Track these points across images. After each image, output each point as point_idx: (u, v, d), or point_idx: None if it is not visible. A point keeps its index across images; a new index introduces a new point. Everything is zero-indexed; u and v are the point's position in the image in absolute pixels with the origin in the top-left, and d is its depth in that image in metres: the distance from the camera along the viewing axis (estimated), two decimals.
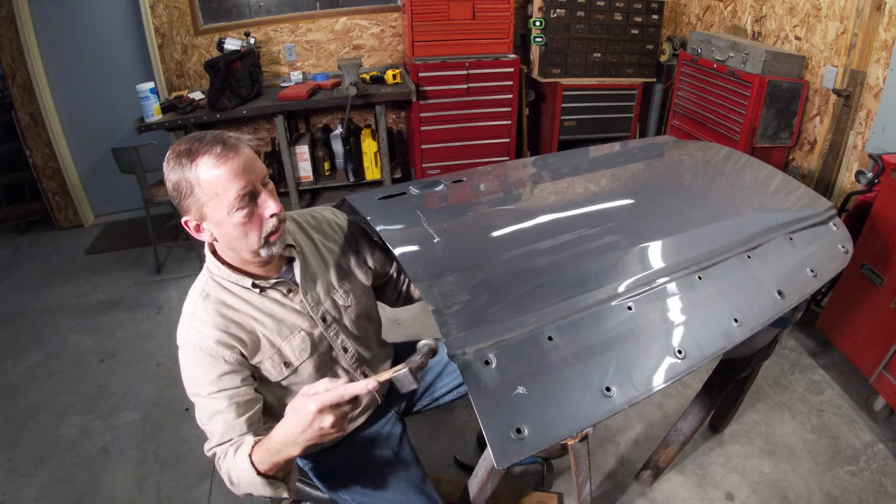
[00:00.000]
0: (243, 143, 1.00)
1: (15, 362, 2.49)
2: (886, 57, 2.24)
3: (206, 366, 1.02)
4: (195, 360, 1.03)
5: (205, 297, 1.06)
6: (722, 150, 1.70)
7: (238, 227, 0.99)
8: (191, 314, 1.06)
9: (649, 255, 1.15)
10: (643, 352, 0.98)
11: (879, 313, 1.94)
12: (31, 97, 3.40)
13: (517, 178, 1.60)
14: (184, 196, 0.98)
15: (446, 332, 0.90)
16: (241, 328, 1.06)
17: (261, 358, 1.08)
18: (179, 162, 0.96)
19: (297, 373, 1.13)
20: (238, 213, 0.98)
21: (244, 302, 1.08)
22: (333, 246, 1.25)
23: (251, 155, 1.01)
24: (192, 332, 1.04)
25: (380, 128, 3.54)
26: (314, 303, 1.16)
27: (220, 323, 1.04)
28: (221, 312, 1.05)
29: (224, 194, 0.96)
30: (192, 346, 1.03)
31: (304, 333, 1.13)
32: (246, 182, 0.97)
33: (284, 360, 1.11)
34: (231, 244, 1.04)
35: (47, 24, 3.34)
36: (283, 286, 1.11)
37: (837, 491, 1.75)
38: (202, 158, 0.95)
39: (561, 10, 3.49)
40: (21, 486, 1.88)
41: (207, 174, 0.95)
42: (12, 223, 3.82)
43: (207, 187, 0.96)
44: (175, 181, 0.97)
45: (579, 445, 1.27)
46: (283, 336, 1.11)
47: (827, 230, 1.33)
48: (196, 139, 0.98)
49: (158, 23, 3.50)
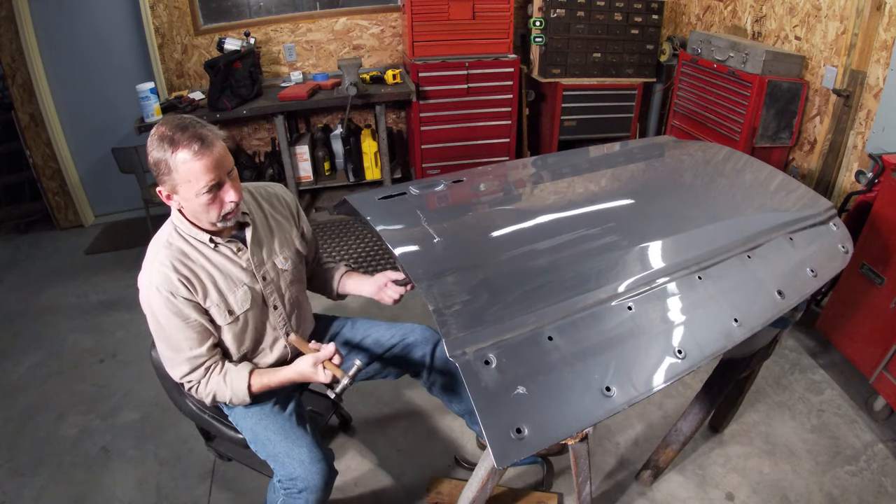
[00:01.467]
0: (218, 140, 1.18)
1: (15, 362, 2.49)
2: (886, 57, 2.24)
3: (167, 302, 1.20)
4: (156, 297, 1.20)
5: (167, 246, 1.24)
6: (722, 150, 1.70)
7: (202, 206, 1.19)
8: (153, 259, 1.23)
9: (649, 255, 1.15)
10: (643, 352, 0.98)
11: (879, 313, 1.94)
12: (31, 97, 3.40)
13: (517, 178, 1.60)
14: (162, 173, 1.16)
15: (446, 332, 0.90)
16: (195, 275, 1.24)
17: (209, 304, 1.26)
18: (161, 145, 1.14)
19: (237, 321, 1.31)
20: (204, 196, 1.17)
21: (200, 254, 1.26)
22: (280, 218, 1.42)
23: (223, 151, 1.18)
24: (155, 274, 1.21)
25: (380, 128, 3.54)
26: (258, 262, 1.33)
27: (179, 267, 1.22)
28: (180, 259, 1.23)
29: (195, 182, 1.15)
30: (153, 285, 1.20)
31: (246, 287, 1.31)
32: (214, 176, 1.16)
33: (229, 309, 1.29)
34: (194, 215, 1.24)
35: (47, 24, 3.34)
36: (234, 244, 1.30)
37: (837, 491, 1.75)
38: (181, 151, 1.13)
39: (561, 10, 3.49)
40: (21, 486, 1.88)
41: (184, 165, 1.13)
42: (12, 223, 3.82)
43: (182, 173, 1.14)
44: (156, 159, 1.15)
45: (579, 445, 1.27)
46: (229, 288, 1.28)
47: (827, 230, 1.33)
48: (179, 128, 1.14)
49: (158, 23, 3.50)
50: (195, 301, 1.24)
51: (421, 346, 1.57)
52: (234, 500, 1.80)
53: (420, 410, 2.09)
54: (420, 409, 2.10)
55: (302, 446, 1.32)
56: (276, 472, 1.33)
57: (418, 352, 1.57)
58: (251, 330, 1.35)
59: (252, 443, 1.39)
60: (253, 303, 1.32)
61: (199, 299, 1.24)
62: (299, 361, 1.28)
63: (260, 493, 1.76)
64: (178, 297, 1.21)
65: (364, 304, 2.80)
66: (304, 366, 1.26)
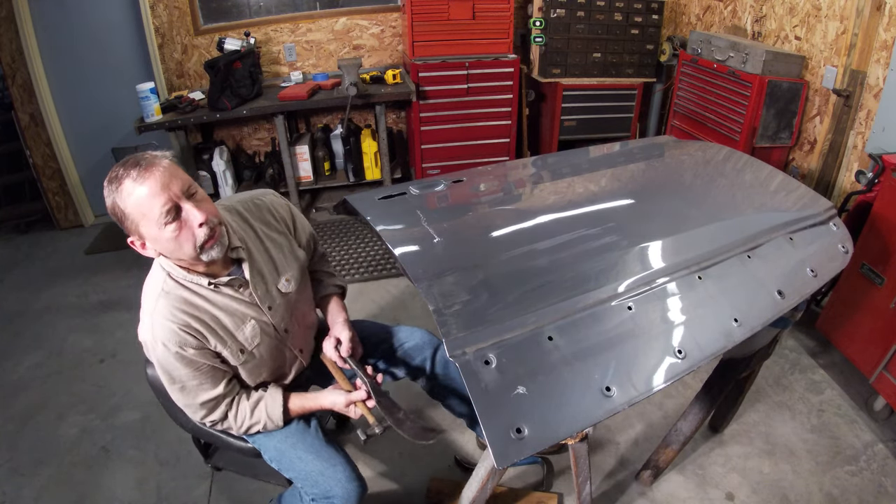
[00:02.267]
0: (159, 160, 1.07)
1: (15, 362, 2.49)
2: (886, 57, 2.24)
3: (177, 356, 1.13)
4: (164, 353, 1.13)
5: (164, 295, 1.14)
6: (722, 150, 1.70)
7: (171, 241, 1.07)
8: (152, 311, 1.14)
9: (649, 254, 1.15)
10: (643, 352, 0.98)
11: (879, 313, 1.94)
12: (31, 97, 3.39)
13: (517, 178, 1.60)
14: (120, 220, 1.07)
15: (446, 332, 0.90)
16: (199, 321, 1.16)
17: (220, 348, 1.19)
18: (109, 190, 1.05)
19: (252, 357, 1.25)
20: (167, 228, 1.05)
21: (200, 297, 1.17)
22: (276, 235, 1.33)
23: (169, 170, 1.06)
24: (159, 329, 1.12)
25: (380, 128, 3.54)
26: (262, 294, 1.25)
27: (181, 317, 1.13)
28: (182, 308, 1.14)
29: (150, 213, 1.04)
30: (159, 341, 1.12)
31: (254, 322, 1.24)
32: (166, 199, 1.04)
33: (240, 348, 1.22)
34: (172, 255, 1.12)
35: (47, 24, 3.33)
36: (235, 282, 1.21)
37: (837, 491, 1.75)
38: (123, 184, 1.03)
39: (561, 10, 3.49)
40: (21, 486, 1.88)
41: (130, 198, 1.03)
42: (12, 223, 3.81)
43: (134, 210, 1.04)
44: (110, 208, 1.06)
45: (579, 445, 1.27)
46: (236, 326, 1.21)
47: (827, 230, 1.33)
48: (120, 164, 1.06)
49: (158, 23, 3.50)
50: (206, 349, 1.18)
51: (421, 350, 1.56)
52: (235, 500, 1.80)
53: (420, 411, 2.09)
54: (420, 409, 2.10)
55: (337, 465, 1.30)
56: (308, 490, 1.30)
57: (419, 356, 1.56)
58: (267, 360, 1.30)
59: (275, 461, 1.34)
60: (263, 335, 1.26)
61: (209, 346, 1.18)
62: (334, 396, 1.29)
63: (261, 493, 1.76)
64: (187, 349, 1.14)
65: (367, 306, 2.80)
66: (339, 403, 1.28)
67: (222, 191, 3.71)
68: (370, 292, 2.87)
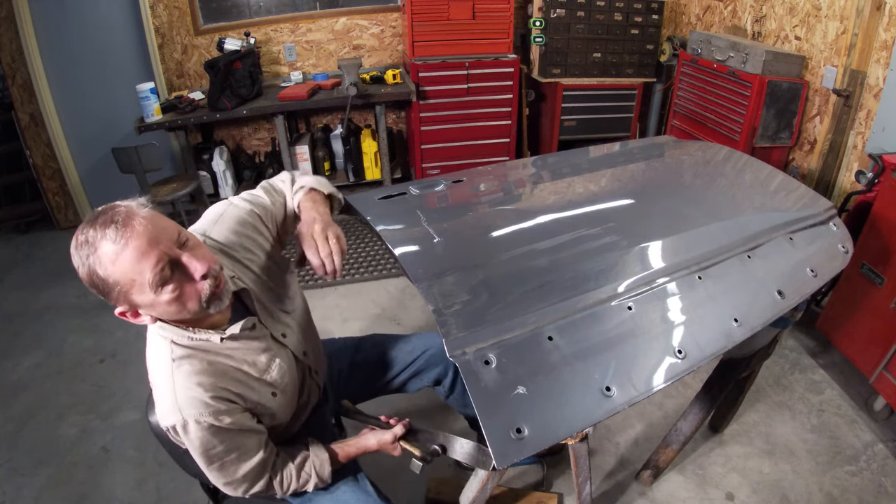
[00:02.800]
0: (136, 210, 0.89)
1: (15, 362, 2.49)
2: (886, 57, 2.24)
3: (212, 430, 0.97)
4: (198, 430, 0.96)
5: (179, 366, 0.97)
6: (722, 150, 1.70)
7: (172, 304, 0.90)
8: (171, 388, 0.96)
9: (649, 254, 1.15)
10: (643, 352, 0.98)
11: (879, 313, 1.94)
12: (31, 97, 3.39)
13: (517, 178, 1.60)
14: (103, 292, 0.88)
15: (446, 332, 0.90)
16: (228, 379, 1.01)
17: (255, 400, 1.05)
18: (79, 256, 0.86)
19: (284, 393, 1.13)
20: (164, 290, 0.88)
21: (217, 354, 1.01)
22: (258, 255, 1.15)
23: (152, 221, 0.89)
24: (185, 405, 0.95)
25: (380, 128, 3.54)
26: (273, 327, 1.13)
27: (208, 383, 0.97)
28: (203, 371, 0.98)
29: (141, 277, 0.86)
30: (190, 418, 0.95)
31: (278, 360, 1.11)
32: (157, 257, 0.86)
33: (272, 392, 1.09)
34: (174, 318, 0.96)
35: (47, 24, 3.33)
36: (247, 326, 1.05)
37: (837, 491, 1.75)
38: (100, 249, 0.85)
39: (561, 10, 3.49)
40: (21, 486, 1.88)
41: (114, 265, 0.85)
42: (12, 223, 3.81)
43: (121, 277, 0.86)
44: (86, 278, 0.87)
45: (579, 445, 1.27)
46: (263, 370, 1.08)
47: (827, 230, 1.33)
48: (89, 224, 0.86)
49: (158, 23, 3.50)
50: (242, 409, 1.02)
51: (443, 357, 1.46)
52: (237, 500, 1.80)
53: (421, 410, 2.09)
54: (421, 408, 2.09)
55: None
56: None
57: (440, 363, 1.50)
58: (295, 389, 1.19)
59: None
60: (289, 369, 1.14)
61: (244, 404, 1.03)
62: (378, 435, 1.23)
63: None
64: (224, 418, 0.97)
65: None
66: (386, 440, 1.22)
67: (222, 191, 3.71)
68: (370, 292, 2.87)
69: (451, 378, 1.53)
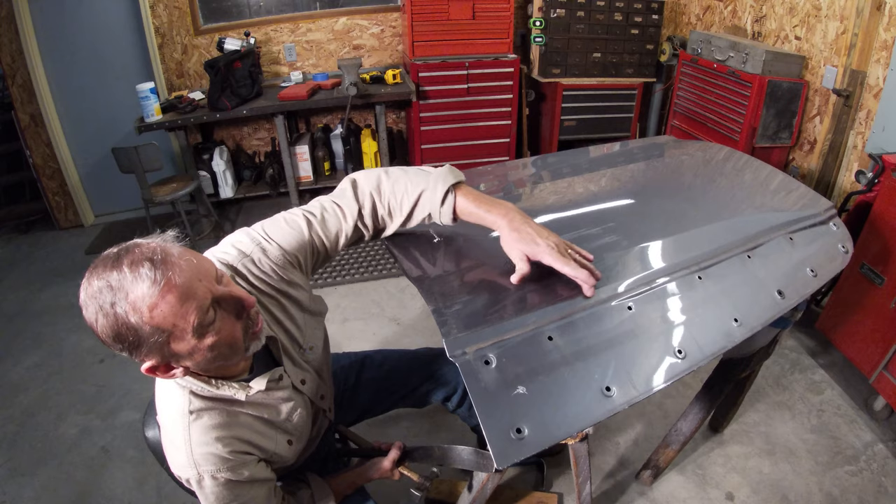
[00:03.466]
0: (171, 248, 0.79)
1: (15, 362, 2.49)
2: (886, 57, 2.24)
3: (229, 484, 0.92)
4: (214, 485, 0.91)
5: (196, 419, 0.89)
6: (722, 150, 1.70)
7: (214, 349, 0.81)
8: (186, 441, 0.89)
9: (649, 254, 1.15)
10: (643, 352, 0.98)
11: (879, 313, 1.94)
12: (31, 97, 3.39)
13: (517, 178, 1.60)
14: (133, 344, 0.75)
15: (446, 332, 0.90)
16: (248, 430, 0.95)
17: (273, 448, 1.01)
18: (104, 305, 0.73)
19: (300, 439, 1.09)
20: (208, 334, 0.79)
21: (237, 404, 0.94)
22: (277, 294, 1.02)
23: (190, 257, 0.80)
24: (202, 460, 0.89)
25: (380, 128, 3.54)
26: (295, 375, 1.06)
27: (226, 437, 0.91)
28: (222, 425, 0.91)
29: (183, 322, 0.76)
30: (206, 474, 0.89)
31: (299, 409, 1.05)
32: (203, 294, 0.77)
33: (288, 440, 1.05)
34: (213, 366, 0.87)
35: (47, 24, 3.33)
36: (274, 377, 0.99)
37: (837, 491, 1.75)
38: (134, 292, 0.73)
39: (561, 10, 3.49)
40: (21, 486, 1.88)
41: (153, 311, 0.73)
42: (12, 223, 3.82)
43: (161, 323, 0.74)
44: (110, 331, 0.74)
45: (579, 445, 1.27)
46: (283, 421, 1.02)
47: (827, 230, 1.33)
48: (109, 266, 0.74)
49: (158, 23, 3.51)
50: (257, 458, 0.98)
51: (454, 375, 1.47)
52: None
53: (421, 410, 2.09)
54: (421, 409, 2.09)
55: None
56: None
57: (451, 381, 1.48)
58: (309, 432, 1.14)
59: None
60: (306, 414, 1.09)
61: (260, 454, 0.98)
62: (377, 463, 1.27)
63: None
64: (242, 471, 0.93)
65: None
66: (385, 468, 1.26)
67: (222, 191, 3.71)
68: (370, 292, 2.87)
69: (459, 395, 1.51)
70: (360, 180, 1.05)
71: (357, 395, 1.48)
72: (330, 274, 3.03)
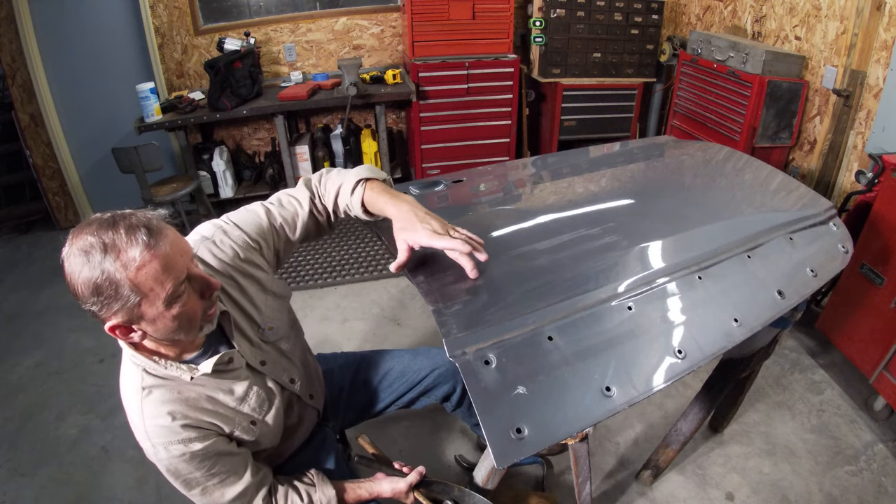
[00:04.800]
0: (164, 223, 0.89)
1: (15, 362, 2.49)
2: (886, 57, 2.24)
3: (184, 457, 0.96)
4: (168, 457, 0.95)
5: (148, 393, 0.95)
6: (722, 150, 1.70)
7: (176, 319, 0.88)
8: (140, 414, 0.95)
9: (649, 254, 1.15)
10: (643, 352, 0.98)
11: (879, 313, 1.94)
12: (31, 97, 3.39)
13: (517, 178, 1.60)
14: (108, 298, 0.83)
15: (446, 332, 0.90)
16: (198, 409, 0.98)
17: (230, 428, 1.03)
18: (90, 258, 0.82)
19: (266, 424, 1.09)
20: (176, 304, 0.87)
21: (188, 384, 0.98)
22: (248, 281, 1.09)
23: (177, 235, 0.89)
24: (154, 432, 0.94)
25: (380, 128, 3.54)
26: (252, 356, 1.08)
27: (177, 411, 0.95)
28: (173, 400, 0.96)
29: (160, 288, 0.84)
30: (159, 445, 0.94)
31: (255, 388, 1.07)
32: (181, 269, 0.87)
33: (251, 420, 1.06)
34: (169, 337, 0.92)
35: (47, 24, 3.33)
36: (223, 360, 1.01)
37: (837, 491, 1.75)
38: (128, 252, 0.82)
39: (561, 10, 3.49)
40: (21, 486, 1.88)
41: (139, 271, 0.82)
42: (12, 223, 3.82)
43: (141, 285, 0.83)
44: (91, 283, 0.82)
45: (579, 445, 1.27)
46: (239, 401, 1.04)
47: (827, 230, 1.33)
48: (107, 226, 0.83)
49: (158, 23, 3.50)
50: (216, 436, 1.00)
51: (452, 375, 1.47)
52: None
53: (421, 411, 2.09)
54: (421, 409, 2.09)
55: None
56: None
57: (449, 380, 1.48)
58: (281, 419, 1.14)
59: None
60: (268, 397, 1.09)
61: (218, 431, 1.01)
62: (392, 483, 1.22)
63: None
64: (194, 444, 0.96)
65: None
66: (400, 489, 1.21)
67: (222, 191, 3.71)
68: (370, 292, 2.87)
69: (458, 395, 1.51)
70: (310, 177, 1.20)
71: (354, 396, 1.48)
72: (330, 274, 3.03)
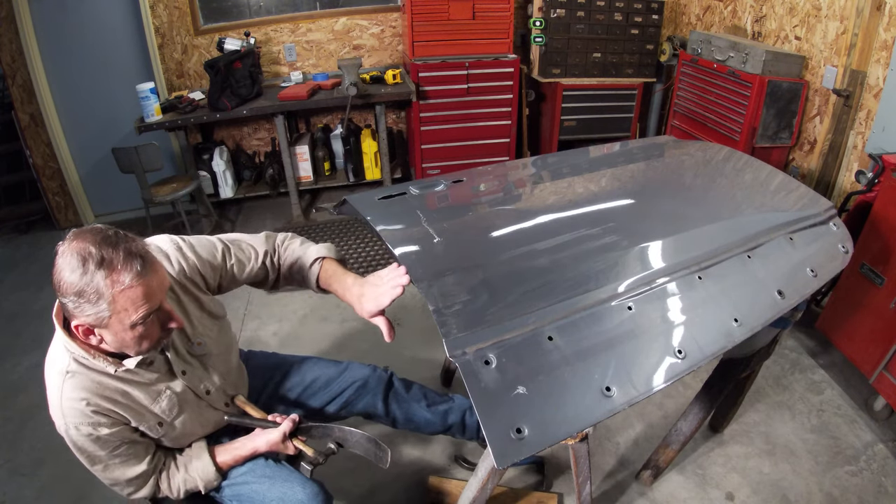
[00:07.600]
0: (154, 257, 1.00)
1: (15, 362, 2.49)
2: (886, 57, 2.24)
3: (91, 438, 1.06)
4: (77, 435, 1.06)
5: (70, 377, 1.04)
6: (722, 150, 1.70)
7: (135, 339, 1.00)
8: (59, 393, 1.04)
9: (649, 254, 1.15)
10: (643, 352, 0.98)
11: (879, 313, 1.94)
12: (31, 97, 3.39)
13: (517, 178, 1.60)
14: (84, 301, 0.93)
15: (446, 332, 0.90)
16: (111, 401, 1.07)
17: (137, 423, 1.11)
18: (85, 267, 0.91)
19: (173, 428, 1.17)
20: (140, 327, 0.99)
21: (109, 377, 1.07)
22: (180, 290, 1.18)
23: (163, 270, 1.02)
24: (67, 410, 1.04)
25: (380, 128, 3.54)
26: (175, 363, 1.16)
27: (91, 398, 1.05)
28: (90, 388, 1.05)
29: (132, 312, 0.96)
30: (71, 423, 1.05)
31: (169, 392, 1.15)
32: (156, 301, 0.99)
33: (158, 421, 1.14)
34: (120, 348, 1.03)
35: (47, 24, 3.33)
36: (144, 362, 1.10)
37: (837, 491, 1.75)
38: (120, 275, 0.93)
39: (561, 10, 3.49)
40: (21, 486, 1.88)
41: (122, 293, 0.93)
42: (12, 223, 3.82)
43: (118, 304, 0.94)
44: (78, 286, 0.92)
45: (579, 445, 1.27)
46: (151, 400, 1.12)
47: (827, 230, 1.33)
48: (109, 243, 0.94)
49: (158, 23, 3.50)
50: (122, 426, 1.09)
51: (372, 391, 1.51)
52: None
53: None
54: None
55: (294, 485, 1.23)
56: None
57: (367, 395, 1.51)
58: (190, 425, 1.21)
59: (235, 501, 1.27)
60: (182, 402, 1.18)
61: (125, 422, 1.10)
62: (268, 435, 1.24)
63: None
64: (101, 429, 1.06)
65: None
66: (275, 439, 1.23)
67: (222, 191, 3.72)
68: None
69: (382, 409, 1.53)
70: (275, 234, 1.34)
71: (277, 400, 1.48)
72: None
